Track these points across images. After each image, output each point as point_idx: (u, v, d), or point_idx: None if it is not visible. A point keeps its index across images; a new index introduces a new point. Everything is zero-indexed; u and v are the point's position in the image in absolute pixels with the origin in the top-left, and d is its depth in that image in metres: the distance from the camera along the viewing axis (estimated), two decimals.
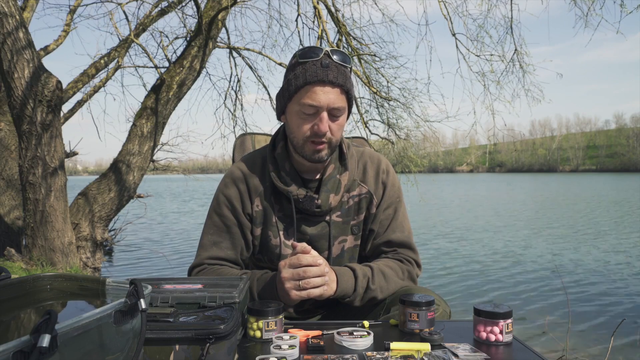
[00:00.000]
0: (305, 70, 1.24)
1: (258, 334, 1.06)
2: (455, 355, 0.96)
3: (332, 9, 6.77)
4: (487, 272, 6.97)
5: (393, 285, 1.31)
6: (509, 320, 1.05)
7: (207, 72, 9.42)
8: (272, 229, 1.36)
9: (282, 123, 1.40)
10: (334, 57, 1.25)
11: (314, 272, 1.18)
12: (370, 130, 7.48)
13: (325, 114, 1.25)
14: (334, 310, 1.47)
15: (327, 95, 1.23)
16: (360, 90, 7.50)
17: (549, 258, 8.02)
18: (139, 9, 11.11)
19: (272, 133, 1.48)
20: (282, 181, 1.34)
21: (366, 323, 1.17)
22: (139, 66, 6.93)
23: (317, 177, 1.37)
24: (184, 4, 6.48)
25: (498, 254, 8.46)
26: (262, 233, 1.37)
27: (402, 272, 1.35)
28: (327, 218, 1.36)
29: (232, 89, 8.02)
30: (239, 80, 7.89)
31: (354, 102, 1.36)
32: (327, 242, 1.37)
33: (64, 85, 5.30)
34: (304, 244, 1.21)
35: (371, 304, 1.32)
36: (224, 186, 1.39)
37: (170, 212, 18.97)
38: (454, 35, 6.86)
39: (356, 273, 1.27)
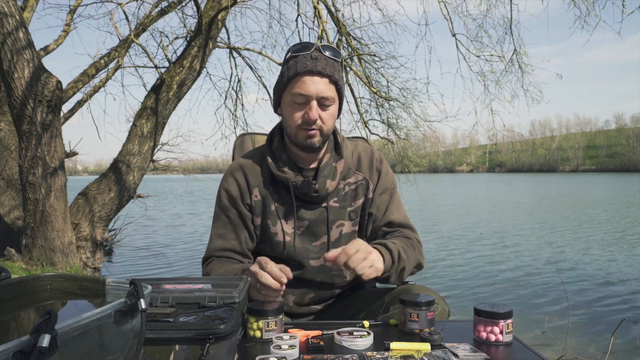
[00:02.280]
0: (297, 63, 1.32)
1: (258, 334, 1.06)
2: (455, 355, 0.96)
3: (332, 9, 6.77)
4: (488, 272, 6.97)
5: (412, 257, 1.35)
6: (509, 320, 1.05)
7: (208, 72, 9.42)
8: (271, 217, 1.41)
9: (279, 116, 1.45)
10: (325, 52, 1.33)
11: (266, 282, 1.19)
12: (370, 130, 7.48)
13: (314, 103, 1.31)
14: (332, 305, 1.49)
15: (315, 85, 1.30)
16: (360, 90, 7.49)
17: (549, 258, 8.02)
18: (139, 9, 11.08)
19: None
20: (279, 170, 1.39)
21: (366, 323, 1.17)
22: (139, 66, 6.93)
23: (314, 166, 1.43)
24: (184, 4, 6.48)
25: (498, 254, 8.46)
26: (262, 222, 1.43)
27: (412, 246, 1.39)
28: (325, 204, 1.41)
29: (233, 89, 8.01)
30: (239, 80, 7.89)
31: (344, 94, 1.42)
32: (326, 227, 1.42)
33: (64, 85, 5.30)
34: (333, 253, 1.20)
35: (400, 280, 1.34)
36: (224, 181, 1.47)
37: (171, 212, 18.96)
38: (454, 35, 6.86)
39: (388, 246, 1.29)
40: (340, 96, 1.38)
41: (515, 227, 12.42)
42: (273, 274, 1.19)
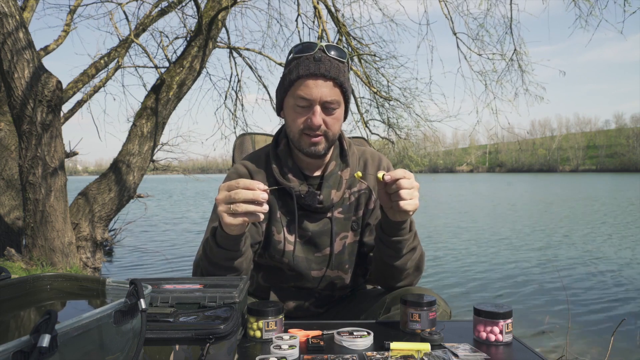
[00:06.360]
0: (299, 65, 1.25)
1: (258, 334, 1.06)
2: (455, 355, 0.96)
3: (332, 9, 6.77)
4: (488, 272, 6.96)
5: (419, 247, 1.31)
6: (509, 320, 1.05)
7: (207, 72, 9.43)
8: (276, 224, 1.36)
9: (282, 119, 1.40)
10: (329, 52, 1.26)
11: (244, 196, 1.09)
12: (370, 130, 7.49)
13: (318, 108, 1.25)
14: (333, 310, 1.47)
15: (319, 89, 1.23)
16: (360, 90, 7.50)
17: (549, 258, 8.02)
18: (139, 9, 11.05)
19: (272, 133, 1.49)
20: (284, 177, 1.34)
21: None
22: (139, 66, 6.93)
23: (319, 173, 1.37)
24: (184, 4, 6.49)
25: (498, 254, 8.46)
26: (267, 228, 1.37)
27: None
28: (329, 215, 1.36)
29: (233, 89, 8.02)
30: (239, 80, 7.89)
31: (351, 96, 1.36)
32: (329, 239, 1.36)
33: (64, 85, 5.30)
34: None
35: (409, 259, 1.28)
36: (229, 179, 1.38)
37: (171, 212, 18.96)
38: (455, 34, 6.86)
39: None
40: (346, 99, 1.31)
41: (515, 226, 12.42)
42: (245, 185, 1.09)
